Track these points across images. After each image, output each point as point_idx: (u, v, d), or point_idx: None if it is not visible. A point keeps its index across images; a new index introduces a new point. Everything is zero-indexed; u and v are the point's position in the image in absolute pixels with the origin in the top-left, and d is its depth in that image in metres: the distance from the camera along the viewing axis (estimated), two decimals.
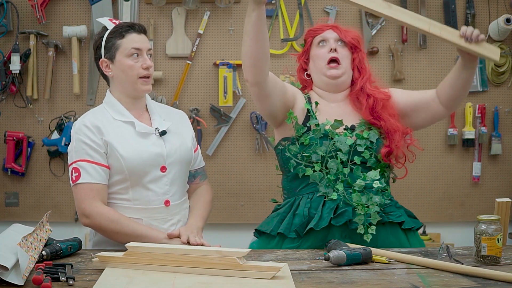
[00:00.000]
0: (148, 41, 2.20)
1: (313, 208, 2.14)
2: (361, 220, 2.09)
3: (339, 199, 2.13)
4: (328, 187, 2.15)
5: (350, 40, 2.29)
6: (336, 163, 2.15)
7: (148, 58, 2.16)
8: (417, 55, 3.64)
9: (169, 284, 1.60)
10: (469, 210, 3.68)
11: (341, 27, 2.33)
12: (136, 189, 2.14)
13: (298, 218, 2.14)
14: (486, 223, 1.86)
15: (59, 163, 3.60)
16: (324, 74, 2.27)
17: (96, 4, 3.49)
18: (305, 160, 2.18)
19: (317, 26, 2.35)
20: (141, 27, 2.19)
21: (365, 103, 2.25)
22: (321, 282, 1.67)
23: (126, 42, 2.14)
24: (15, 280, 1.57)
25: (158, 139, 2.18)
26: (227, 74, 3.52)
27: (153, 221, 2.15)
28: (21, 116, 3.58)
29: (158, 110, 2.27)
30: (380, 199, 2.12)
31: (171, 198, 2.18)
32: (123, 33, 2.14)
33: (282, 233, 2.14)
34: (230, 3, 3.53)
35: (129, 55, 2.13)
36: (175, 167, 2.19)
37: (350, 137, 2.19)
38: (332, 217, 2.09)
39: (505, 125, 3.69)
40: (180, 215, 2.22)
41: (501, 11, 3.62)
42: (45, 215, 1.92)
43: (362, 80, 2.28)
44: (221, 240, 2.39)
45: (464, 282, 1.67)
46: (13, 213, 3.60)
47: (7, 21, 3.48)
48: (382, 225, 2.13)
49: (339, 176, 2.15)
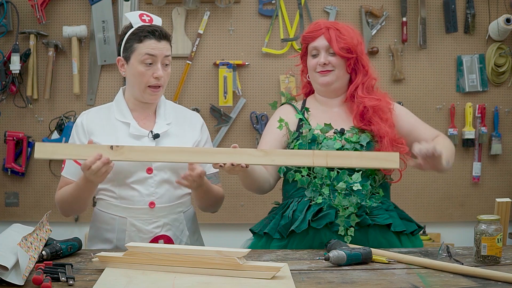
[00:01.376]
0: (168, 48, 2.17)
1: (298, 211, 2.17)
2: (342, 222, 2.11)
3: (324, 202, 2.15)
4: (314, 191, 2.17)
5: (338, 52, 2.22)
6: (323, 167, 2.15)
7: (160, 67, 2.13)
8: (417, 55, 3.64)
9: (169, 284, 1.60)
10: (469, 210, 3.68)
11: (334, 30, 2.25)
12: (121, 188, 2.16)
13: (283, 220, 2.18)
14: (486, 223, 1.86)
15: (59, 163, 3.58)
16: (316, 82, 2.28)
17: (96, 4, 3.49)
18: (294, 166, 2.20)
19: (310, 32, 2.29)
20: (162, 33, 2.15)
21: (356, 109, 2.24)
22: (321, 282, 1.67)
23: (142, 47, 2.13)
24: (15, 280, 1.57)
25: (151, 141, 2.17)
26: (227, 74, 3.52)
27: (137, 221, 2.15)
28: (21, 116, 3.58)
29: (168, 113, 2.24)
30: (356, 199, 2.12)
31: (157, 200, 2.16)
32: (141, 38, 2.13)
33: (268, 233, 2.19)
34: (230, 3, 3.53)
35: (142, 61, 2.13)
36: (164, 170, 2.17)
37: (340, 140, 2.19)
38: (311, 220, 2.12)
39: (505, 125, 3.69)
40: (169, 219, 2.19)
41: (501, 11, 3.62)
42: (45, 215, 1.93)
43: (353, 85, 2.26)
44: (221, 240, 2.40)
45: (464, 282, 1.67)
46: (13, 213, 3.59)
47: (7, 21, 3.48)
48: (371, 227, 2.14)
49: (325, 181, 2.16)
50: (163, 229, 2.17)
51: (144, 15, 2.20)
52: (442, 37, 3.64)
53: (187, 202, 2.29)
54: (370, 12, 3.58)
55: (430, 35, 3.62)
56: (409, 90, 3.64)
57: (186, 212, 2.27)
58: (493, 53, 3.60)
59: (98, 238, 2.22)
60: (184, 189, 2.23)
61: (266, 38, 3.58)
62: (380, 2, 3.60)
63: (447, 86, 3.66)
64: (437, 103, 3.66)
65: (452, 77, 3.66)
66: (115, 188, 2.16)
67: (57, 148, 2.08)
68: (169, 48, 2.18)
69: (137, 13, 2.21)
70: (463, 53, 3.64)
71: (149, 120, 2.22)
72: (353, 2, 3.60)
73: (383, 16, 3.59)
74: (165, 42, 2.16)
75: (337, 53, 2.23)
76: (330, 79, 2.25)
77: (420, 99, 3.65)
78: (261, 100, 3.55)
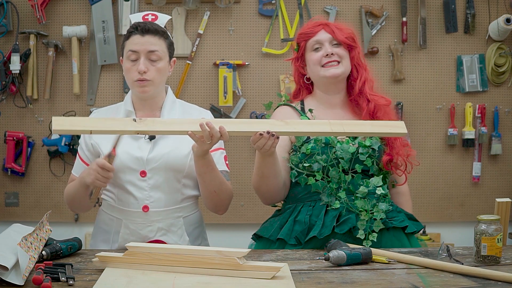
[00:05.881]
0: (154, 42, 2.11)
1: (314, 216, 2.12)
2: (363, 226, 2.08)
3: (341, 207, 2.11)
4: (330, 196, 2.13)
5: (344, 40, 2.22)
6: (338, 171, 2.13)
7: (143, 62, 2.09)
8: (417, 55, 3.64)
9: (169, 284, 1.60)
10: (469, 210, 3.68)
11: (332, 25, 2.25)
12: (117, 189, 2.15)
13: (298, 225, 2.13)
14: (486, 223, 1.85)
15: (59, 163, 3.60)
16: (323, 76, 2.21)
17: (96, 4, 3.49)
18: (306, 170, 2.16)
19: (308, 28, 2.26)
20: (145, 28, 2.10)
21: (366, 107, 2.21)
22: (321, 282, 1.67)
23: (128, 44, 2.13)
24: (15, 280, 1.57)
25: (147, 143, 2.14)
26: (227, 74, 3.52)
27: (132, 224, 2.13)
28: (21, 116, 3.58)
29: (173, 113, 2.20)
30: (386, 206, 2.11)
31: (151, 204, 2.12)
32: (128, 34, 2.13)
33: (283, 239, 2.13)
34: (230, 3, 3.53)
35: (127, 58, 2.12)
36: (159, 173, 2.12)
37: (353, 144, 2.16)
38: (335, 225, 2.08)
39: (505, 125, 3.69)
40: (164, 223, 2.14)
41: (501, 11, 3.62)
42: (45, 215, 1.92)
43: (360, 81, 2.24)
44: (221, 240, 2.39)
45: (464, 282, 1.67)
46: (13, 213, 3.59)
47: (7, 21, 3.48)
48: (386, 230, 2.12)
49: (341, 185, 2.13)
50: (158, 234, 2.13)
51: (149, 14, 2.19)
52: (442, 37, 3.64)
53: (190, 207, 2.22)
54: (370, 12, 3.58)
55: (430, 35, 3.62)
56: (409, 90, 3.64)
57: (188, 217, 2.21)
58: (493, 53, 3.61)
59: (98, 237, 2.22)
60: (184, 193, 2.18)
61: (266, 38, 3.58)
62: (380, 2, 3.60)
63: (447, 86, 3.66)
64: (437, 103, 3.66)
65: (452, 77, 3.66)
66: (113, 189, 2.16)
67: (76, 121, 2.05)
68: (156, 42, 2.11)
69: (141, 14, 2.21)
70: (463, 53, 3.64)
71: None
72: (353, 2, 3.60)
73: (383, 16, 3.59)
74: (149, 36, 2.10)
75: (343, 41, 2.21)
76: (338, 70, 2.20)
77: (420, 99, 3.65)
78: (261, 100, 3.55)
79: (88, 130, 1.93)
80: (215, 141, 1.96)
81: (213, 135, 1.94)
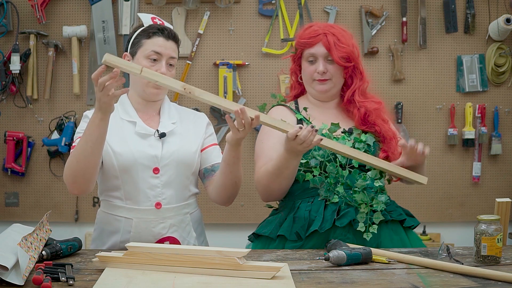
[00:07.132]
0: (175, 49, 2.17)
1: (313, 211, 2.13)
2: (362, 218, 2.10)
3: (340, 201, 2.13)
4: (329, 191, 2.14)
5: (338, 62, 2.19)
6: (335, 166, 2.15)
7: (164, 65, 2.13)
8: (417, 55, 3.64)
9: (169, 284, 1.60)
10: (469, 210, 3.68)
11: (331, 36, 2.20)
12: (127, 188, 2.14)
13: (298, 221, 2.14)
14: (486, 223, 1.86)
15: (59, 163, 3.60)
16: (313, 88, 2.25)
17: (96, 4, 3.49)
18: (303, 166, 2.17)
19: (307, 37, 2.24)
20: (171, 33, 2.16)
21: (357, 113, 2.23)
22: (321, 282, 1.67)
23: (149, 44, 2.13)
24: (15, 280, 1.57)
25: (157, 141, 2.16)
26: (227, 74, 3.52)
27: (143, 223, 2.13)
28: (21, 116, 3.58)
29: (172, 114, 2.24)
30: (385, 198, 2.13)
31: (163, 201, 2.15)
32: (150, 34, 2.14)
33: (283, 236, 2.14)
34: (230, 3, 3.54)
35: (147, 57, 2.13)
36: (171, 170, 2.15)
37: (348, 140, 2.18)
38: (335, 218, 2.09)
39: (505, 125, 3.69)
40: (175, 220, 2.17)
41: (501, 11, 3.62)
42: (45, 215, 1.92)
43: (350, 91, 2.24)
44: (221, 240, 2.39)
45: (464, 282, 1.67)
46: (13, 213, 3.60)
47: (7, 21, 3.48)
48: (384, 224, 2.14)
49: (339, 179, 2.15)
50: (170, 230, 2.16)
51: (157, 19, 2.22)
52: (442, 37, 3.64)
53: (194, 204, 2.27)
54: (370, 12, 3.58)
55: (430, 35, 3.62)
56: (409, 90, 3.64)
57: (193, 213, 2.24)
58: (493, 53, 3.61)
59: (102, 240, 2.19)
60: (190, 190, 2.22)
61: (266, 38, 3.58)
62: (380, 2, 3.60)
63: (447, 86, 3.67)
64: (437, 103, 3.66)
65: (452, 77, 3.67)
66: (121, 189, 2.15)
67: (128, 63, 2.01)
68: (176, 49, 2.18)
69: (149, 15, 2.22)
70: (463, 53, 3.65)
71: (153, 120, 2.22)
72: (353, 2, 3.60)
73: (383, 16, 3.59)
74: (172, 43, 2.16)
75: (337, 62, 2.19)
76: (328, 87, 2.23)
77: (420, 99, 3.65)
78: (261, 100, 3.55)
79: (139, 69, 1.96)
80: (247, 129, 1.98)
81: (245, 124, 1.96)
